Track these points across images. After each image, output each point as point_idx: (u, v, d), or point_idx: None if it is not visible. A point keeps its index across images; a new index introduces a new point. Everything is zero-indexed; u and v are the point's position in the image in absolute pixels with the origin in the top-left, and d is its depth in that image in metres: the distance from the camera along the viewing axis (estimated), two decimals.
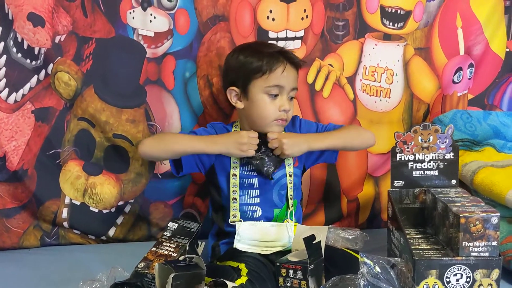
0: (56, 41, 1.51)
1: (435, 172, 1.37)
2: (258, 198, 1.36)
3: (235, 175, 1.34)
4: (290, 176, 1.38)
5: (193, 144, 1.32)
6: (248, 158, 1.33)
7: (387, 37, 1.62)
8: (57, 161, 1.57)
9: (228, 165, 1.36)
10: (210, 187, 1.43)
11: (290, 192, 1.37)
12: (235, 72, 1.38)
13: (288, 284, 1.14)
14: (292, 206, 1.36)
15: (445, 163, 1.37)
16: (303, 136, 1.37)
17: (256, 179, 1.36)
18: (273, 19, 1.55)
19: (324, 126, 1.46)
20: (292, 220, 1.35)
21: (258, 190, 1.36)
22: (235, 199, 1.34)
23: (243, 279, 1.13)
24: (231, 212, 1.34)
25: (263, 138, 1.34)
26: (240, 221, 1.32)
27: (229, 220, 1.33)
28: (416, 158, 1.37)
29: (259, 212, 1.36)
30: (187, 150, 1.32)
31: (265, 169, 1.32)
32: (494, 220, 1.13)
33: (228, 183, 1.35)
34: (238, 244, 1.29)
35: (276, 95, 1.34)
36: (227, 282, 1.08)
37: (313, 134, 1.41)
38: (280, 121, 1.36)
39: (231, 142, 1.30)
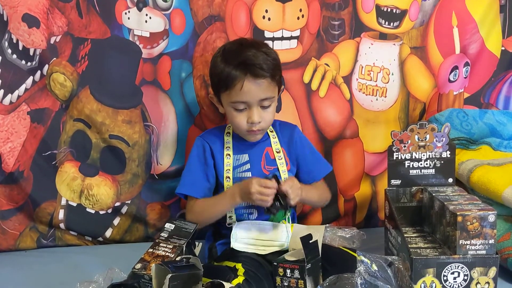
0: (52, 42, 1.51)
1: (432, 171, 1.37)
2: None
3: (229, 177, 1.34)
4: None
5: (223, 208, 1.32)
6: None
7: (383, 36, 1.63)
8: (53, 163, 1.57)
9: (221, 169, 1.37)
10: None
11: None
12: (210, 79, 1.41)
13: (286, 284, 1.14)
14: (288, 212, 1.36)
15: (442, 162, 1.37)
16: (303, 188, 1.32)
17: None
18: (269, 19, 1.55)
19: (315, 153, 1.48)
20: (289, 223, 1.35)
21: None
22: None
23: (240, 279, 1.13)
24: (228, 214, 1.34)
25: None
26: (235, 222, 1.32)
27: (226, 223, 1.33)
28: (413, 157, 1.37)
29: (255, 214, 1.36)
30: (221, 214, 1.33)
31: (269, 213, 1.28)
32: (491, 218, 1.13)
33: (222, 188, 1.36)
34: (235, 244, 1.28)
35: (244, 108, 1.32)
36: (224, 283, 1.07)
37: (307, 187, 1.38)
38: (252, 132, 1.34)
39: (244, 193, 1.26)
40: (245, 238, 1.30)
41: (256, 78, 1.29)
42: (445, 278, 1.15)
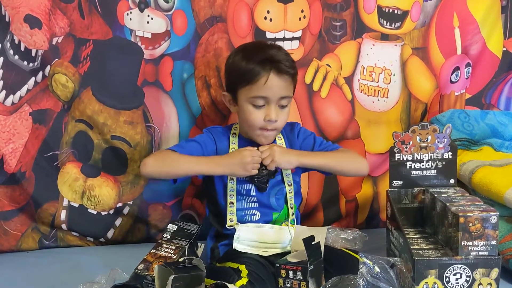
0: (53, 43, 1.51)
1: (434, 172, 1.37)
2: (256, 203, 1.36)
3: (233, 179, 1.33)
4: (290, 185, 1.37)
5: (196, 168, 1.31)
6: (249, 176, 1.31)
7: (384, 37, 1.63)
8: (55, 163, 1.57)
9: None
10: (207, 191, 1.43)
11: (291, 202, 1.37)
12: (227, 77, 1.39)
13: (288, 285, 1.14)
14: (293, 215, 1.36)
15: (444, 163, 1.37)
16: (294, 152, 1.35)
17: (253, 186, 1.35)
18: (271, 20, 1.55)
19: (322, 140, 1.44)
20: (293, 225, 1.35)
21: (255, 197, 1.36)
22: (232, 203, 1.33)
23: (243, 281, 1.13)
24: (228, 217, 1.33)
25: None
26: (237, 224, 1.32)
27: (226, 225, 1.33)
28: (415, 158, 1.37)
29: (257, 215, 1.35)
30: (190, 173, 1.33)
31: (261, 184, 1.33)
32: (493, 219, 1.13)
33: (225, 188, 1.35)
34: (238, 245, 1.28)
35: (262, 105, 1.30)
36: (228, 284, 1.07)
37: (305, 152, 1.38)
38: (265, 130, 1.32)
39: (236, 164, 1.27)
40: (248, 240, 1.30)
41: (280, 74, 1.29)
42: (447, 279, 1.15)
